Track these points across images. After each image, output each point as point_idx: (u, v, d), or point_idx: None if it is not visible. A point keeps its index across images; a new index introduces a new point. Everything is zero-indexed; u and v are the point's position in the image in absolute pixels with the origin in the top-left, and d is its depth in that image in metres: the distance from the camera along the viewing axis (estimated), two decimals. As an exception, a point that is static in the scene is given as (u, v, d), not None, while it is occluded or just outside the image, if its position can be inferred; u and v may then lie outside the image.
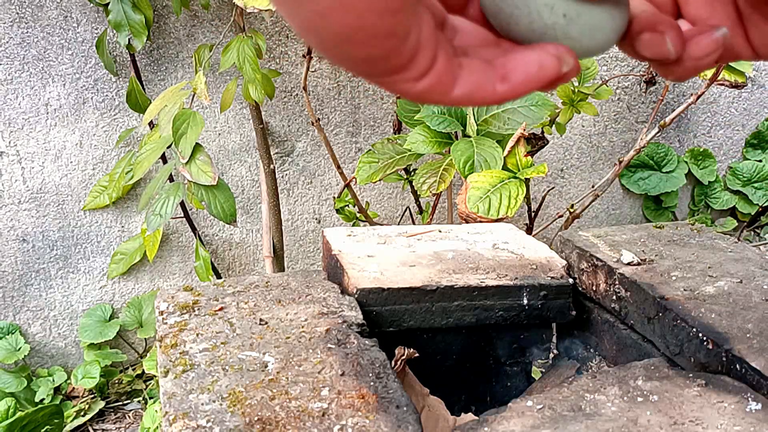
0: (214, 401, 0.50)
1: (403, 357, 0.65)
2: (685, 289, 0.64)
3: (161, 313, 0.64)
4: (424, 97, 0.30)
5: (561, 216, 1.63)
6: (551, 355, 0.80)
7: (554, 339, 0.78)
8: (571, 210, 1.55)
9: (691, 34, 0.33)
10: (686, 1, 0.35)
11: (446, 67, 0.30)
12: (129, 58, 1.51)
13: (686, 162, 2.01)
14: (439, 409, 0.68)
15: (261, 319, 0.63)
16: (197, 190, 1.25)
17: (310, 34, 0.27)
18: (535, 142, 1.34)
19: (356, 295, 0.67)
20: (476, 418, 0.52)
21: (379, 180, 1.34)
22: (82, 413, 1.56)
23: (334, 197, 1.59)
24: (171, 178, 1.52)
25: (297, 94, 1.64)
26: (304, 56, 1.47)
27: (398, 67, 0.29)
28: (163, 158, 1.50)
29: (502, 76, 0.31)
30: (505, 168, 1.22)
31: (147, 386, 1.64)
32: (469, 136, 1.30)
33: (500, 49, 0.32)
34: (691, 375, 0.54)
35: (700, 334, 0.57)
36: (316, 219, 1.77)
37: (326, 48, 0.27)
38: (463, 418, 0.72)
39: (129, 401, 1.62)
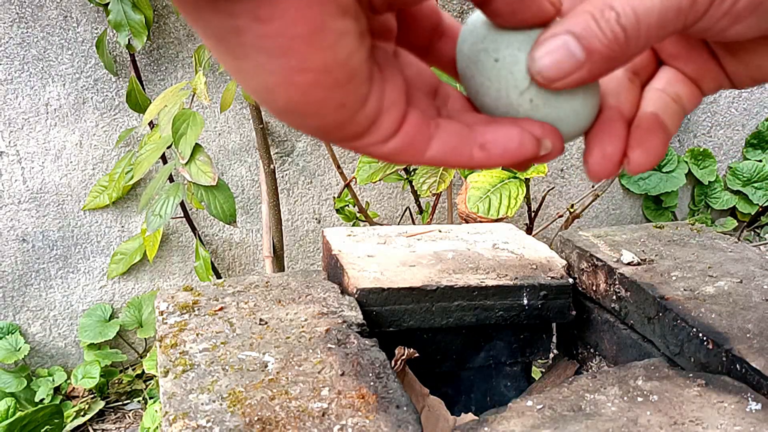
0: (214, 401, 0.50)
1: (403, 357, 0.65)
2: (685, 289, 0.64)
3: (161, 313, 0.64)
4: (394, 158, 0.30)
5: (561, 216, 1.63)
6: (551, 355, 0.80)
7: (554, 339, 0.78)
8: (571, 210, 1.55)
9: (638, 138, 0.33)
10: (661, 47, 0.36)
11: (418, 128, 0.30)
12: (129, 58, 1.51)
13: (686, 162, 2.01)
14: (439, 409, 0.68)
15: (261, 319, 0.63)
16: (197, 190, 1.25)
17: (261, 103, 0.27)
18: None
19: (356, 295, 0.67)
20: (476, 418, 0.52)
21: (379, 180, 1.34)
22: (82, 413, 1.56)
23: (334, 197, 1.59)
24: (171, 179, 1.52)
25: (297, 94, 1.64)
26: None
27: (356, 134, 0.28)
28: (163, 158, 1.50)
29: (481, 144, 0.31)
30: (505, 168, 1.22)
31: (147, 386, 1.64)
32: (469, 136, 1.29)
33: (483, 117, 0.32)
34: (691, 375, 0.54)
35: (701, 334, 0.57)
36: (316, 219, 1.77)
37: (278, 116, 0.27)
38: (463, 418, 0.72)
39: (129, 401, 1.62)
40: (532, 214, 1.54)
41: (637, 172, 0.33)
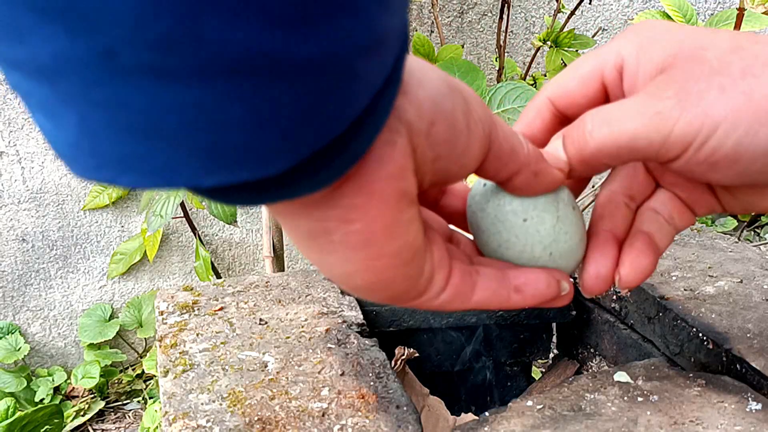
0: (214, 401, 0.50)
1: (403, 357, 0.65)
2: (685, 289, 0.64)
3: (161, 312, 0.64)
4: (445, 308, 0.33)
5: (561, 216, 1.62)
6: (551, 355, 0.80)
7: (554, 339, 0.78)
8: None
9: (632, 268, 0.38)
10: (661, 174, 0.40)
11: (462, 279, 0.33)
12: (129, 58, 1.51)
13: (686, 162, 2.01)
14: (439, 409, 0.68)
15: (261, 319, 0.63)
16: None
17: (339, 284, 0.30)
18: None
19: (356, 295, 0.67)
20: (476, 418, 0.52)
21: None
22: (81, 413, 1.56)
23: (334, 197, 1.58)
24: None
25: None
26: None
27: (417, 295, 0.32)
28: (163, 158, 1.49)
29: (516, 288, 0.34)
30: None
31: (147, 386, 1.64)
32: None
33: (508, 263, 0.36)
34: (691, 375, 0.54)
35: (701, 334, 0.57)
36: (316, 219, 1.76)
37: (353, 292, 0.31)
38: (463, 418, 0.72)
39: (129, 401, 1.62)
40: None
41: (627, 287, 0.38)
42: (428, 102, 0.27)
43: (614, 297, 0.69)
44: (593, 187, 1.76)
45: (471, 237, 0.38)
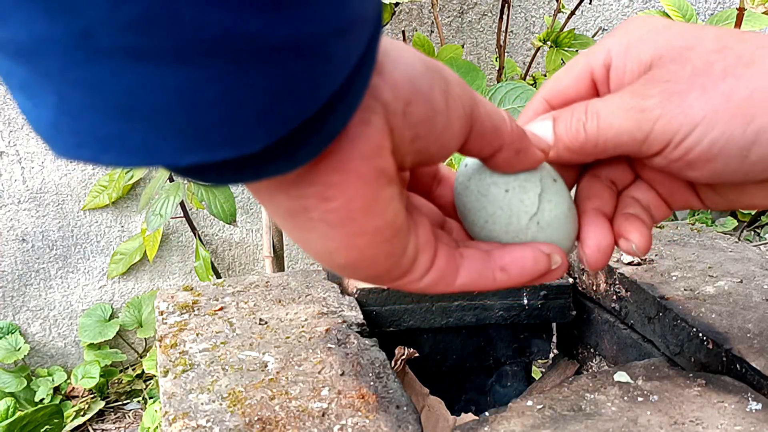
0: (213, 401, 0.50)
1: (403, 357, 0.65)
2: (685, 289, 0.64)
3: (161, 312, 0.64)
4: (429, 291, 0.33)
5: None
6: (551, 355, 0.80)
7: (554, 339, 0.78)
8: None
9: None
10: (642, 168, 0.40)
11: (447, 261, 0.33)
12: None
13: (686, 162, 2.00)
14: (439, 409, 0.68)
15: (261, 319, 0.63)
16: (197, 189, 1.24)
17: (322, 262, 0.31)
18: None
19: (356, 295, 0.67)
20: (476, 418, 0.52)
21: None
22: (81, 413, 1.56)
23: (334, 197, 1.58)
24: (171, 178, 1.52)
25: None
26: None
27: (401, 274, 0.32)
28: (163, 158, 1.49)
29: (501, 267, 0.34)
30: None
31: (147, 386, 1.64)
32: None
33: (495, 243, 0.36)
34: (691, 375, 0.54)
35: (701, 334, 0.57)
36: (316, 219, 1.76)
37: (336, 270, 0.31)
38: (463, 418, 0.72)
39: (129, 401, 1.62)
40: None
41: (641, 254, 0.38)
42: (404, 81, 0.27)
43: (614, 297, 0.69)
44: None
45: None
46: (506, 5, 1.40)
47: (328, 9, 0.20)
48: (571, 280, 0.72)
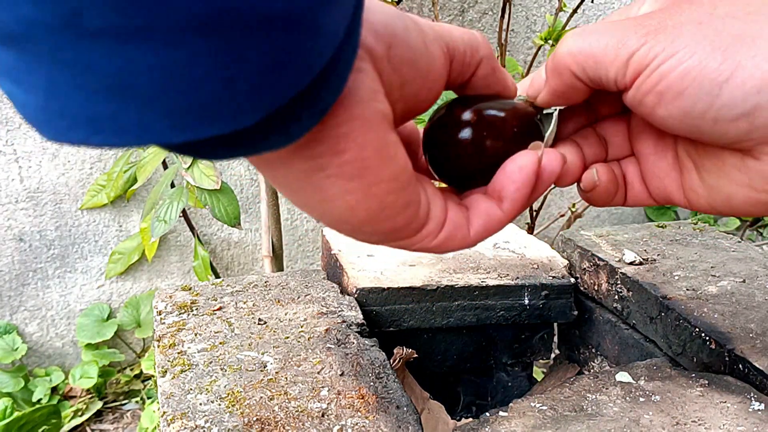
0: (212, 401, 0.50)
1: (402, 356, 0.65)
2: (687, 289, 0.64)
3: (159, 312, 0.64)
4: (447, 246, 0.34)
5: (563, 215, 1.62)
6: (553, 356, 0.79)
7: (556, 339, 0.78)
8: (573, 209, 1.55)
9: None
10: (636, 138, 0.40)
11: (457, 212, 0.34)
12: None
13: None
14: (439, 413, 0.67)
15: (260, 319, 0.62)
16: (200, 193, 1.24)
17: (341, 224, 0.30)
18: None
19: (356, 295, 0.66)
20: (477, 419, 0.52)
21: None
22: (79, 413, 1.55)
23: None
24: (172, 184, 1.51)
25: (296, 93, 1.63)
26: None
27: (420, 226, 0.32)
28: (164, 163, 1.49)
29: (499, 197, 0.35)
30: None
31: (145, 386, 1.63)
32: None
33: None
34: (693, 375, 0.54)
35: (703, 334, 0.57)
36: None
37: (357, 230, 0.31)
38: (463, 423, 0.72)
39: (127, 401, 1.62)
40: (534, 213, 1.54)
41: (603, 191, 0.40)
42: (381, 26, 0.28)
43: (616, 297, 0.69)
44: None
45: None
46: (507, 3, 1.39)
47: None
48: (572, 280, 0.71)
